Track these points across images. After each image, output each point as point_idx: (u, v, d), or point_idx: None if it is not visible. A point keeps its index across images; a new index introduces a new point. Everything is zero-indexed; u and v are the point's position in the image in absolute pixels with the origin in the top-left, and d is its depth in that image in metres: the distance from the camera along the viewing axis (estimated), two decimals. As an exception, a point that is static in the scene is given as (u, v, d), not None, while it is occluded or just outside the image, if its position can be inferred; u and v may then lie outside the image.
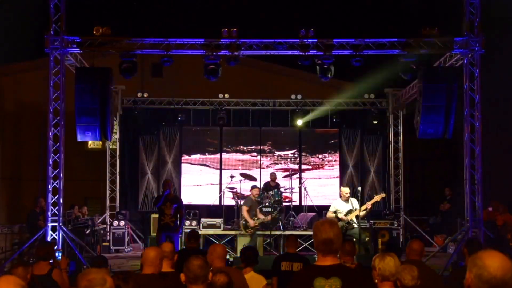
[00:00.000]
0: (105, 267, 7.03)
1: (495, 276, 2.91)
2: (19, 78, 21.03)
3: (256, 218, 14.42)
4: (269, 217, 14.63)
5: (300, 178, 18.03)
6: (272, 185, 17.00)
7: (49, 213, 13.19)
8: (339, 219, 12.78)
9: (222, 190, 17.57)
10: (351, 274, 4.43)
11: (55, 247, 12.27)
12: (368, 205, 13.17)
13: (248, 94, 18.96)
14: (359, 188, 14.69)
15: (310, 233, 13.31)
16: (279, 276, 7.77)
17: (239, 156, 19.10)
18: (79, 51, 14.07)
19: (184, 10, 22.77)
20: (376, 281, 4.90)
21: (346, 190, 13.31)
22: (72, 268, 11.39)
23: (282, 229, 15.63)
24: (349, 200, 13.11)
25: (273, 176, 17.53)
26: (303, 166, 19.06)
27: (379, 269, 4.89)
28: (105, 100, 13.69)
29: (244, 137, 19.17)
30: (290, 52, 14.13)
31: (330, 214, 13.23)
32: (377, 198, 13.80)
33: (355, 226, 12.94)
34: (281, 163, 19.07)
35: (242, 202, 15.06)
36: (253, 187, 15.28)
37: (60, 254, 12.13)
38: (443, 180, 20.19)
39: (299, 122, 18.57)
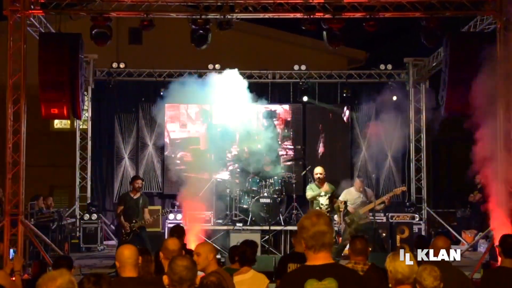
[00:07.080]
0: (68, 269, 6.86)
1: None
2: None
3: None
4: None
5: (304, 164, 17.97)
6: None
7: (7, 205, 13.15)
8: (347, 212, 12.82)
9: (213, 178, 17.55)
10: (348, 274, 4.43)
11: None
12: (386, 198, 13.20)
13: (243, 65, 18.84)
14: (374, 176, 14.67)
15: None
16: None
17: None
18: (43, 14, 13.98)
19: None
20: (390, 285, 4.90)
21: (361, 179, 13.41)
22: (34, 269, 11.40)
23: (282, 223, 15.63)
24: (364, 191, 13.14)
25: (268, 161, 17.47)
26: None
27: (390, 272, 4.90)
28: (74, 71, 13.64)
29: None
30: (292, 15, 14.03)
31: (338, 203, 13.24)
32: (397, 191, 13.81)
33: (369, 220, 12.98)
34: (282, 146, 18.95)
35: None
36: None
37: (13, 252, 12.11)
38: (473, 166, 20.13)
39: (304, 98, 18.49)
